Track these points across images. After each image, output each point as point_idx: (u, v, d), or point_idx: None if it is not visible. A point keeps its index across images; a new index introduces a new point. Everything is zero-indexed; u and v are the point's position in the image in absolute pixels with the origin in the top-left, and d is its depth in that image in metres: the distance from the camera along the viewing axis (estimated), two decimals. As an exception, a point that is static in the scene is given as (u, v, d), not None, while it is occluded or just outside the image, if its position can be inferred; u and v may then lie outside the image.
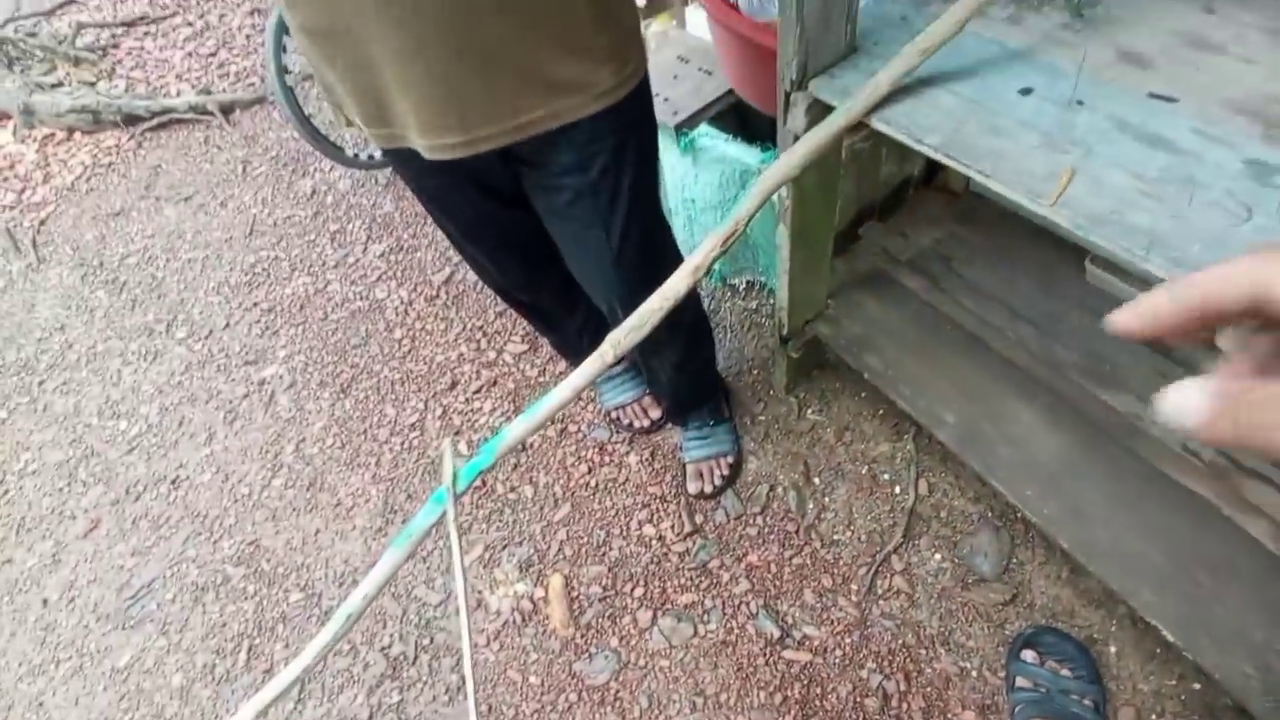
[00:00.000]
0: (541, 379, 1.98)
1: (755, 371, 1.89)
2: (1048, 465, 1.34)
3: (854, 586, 1.52)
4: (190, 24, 3.59)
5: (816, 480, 1.67)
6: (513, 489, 1.77)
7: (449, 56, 0.87)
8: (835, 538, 1.58)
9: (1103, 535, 1.25)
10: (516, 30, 0.88)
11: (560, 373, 1.98)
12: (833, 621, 1.49)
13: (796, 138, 1.06)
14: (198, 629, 1.64)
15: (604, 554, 1.64)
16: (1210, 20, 1.00)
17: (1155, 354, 1.39)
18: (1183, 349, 1.39)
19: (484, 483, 1.77)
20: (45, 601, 1.73)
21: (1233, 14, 1.01)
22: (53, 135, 3.02)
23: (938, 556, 1.53)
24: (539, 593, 1.60)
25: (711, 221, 1.86)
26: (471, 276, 2.25)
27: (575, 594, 1.59)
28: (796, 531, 1.61)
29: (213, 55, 3.40)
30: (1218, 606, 1.16)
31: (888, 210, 1.71)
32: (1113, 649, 1.37)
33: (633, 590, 1.58)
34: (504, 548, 1.67)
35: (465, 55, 0.87)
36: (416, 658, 1.54)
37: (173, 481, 1.90)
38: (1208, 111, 0.88)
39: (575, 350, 1.73)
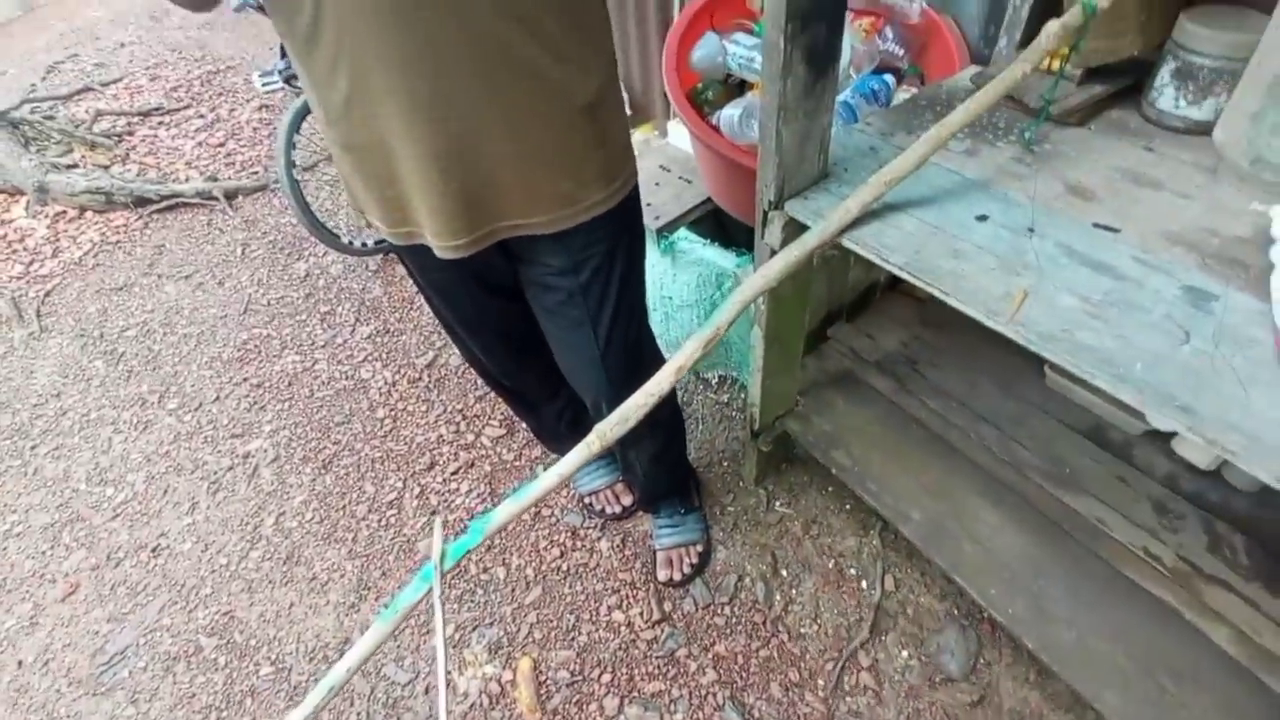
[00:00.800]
0: (518, 463, 2.02)
1: (726, 463, 1.94)
2: (1011, 564, 1.37)
3: (820, 682, 1.53)
4: (202, 116, 3.77)
5: (784, 572, 1.70)
6: (485, 570, 1.78)
7: (462, 171, 0.96)
8: (802, 631, 1.60)
9: (1067, 636, 1.27)
10: (524, 152, 0.98)
11: (536, 458, 2.02)
12: (799, 717, 1.49)
13: (773, 251, 1.15)
14: (167, 699, 1.61)
15: (573, 638, 1.64)
16: (1149, 158, 1.11)
17: (1115, 459, 1.44)
18: (1145, 453, 1.45)
19: (458, 563, 1.77)
20: (20, 663, 1.70)
21: (1170, 152, 1.11)
22: (64, 213, 3.12)
23: (905, 654, 1.54)
24: (507, 675, 1.59)
25: (688, 319, 1.95)
26: (454, 360, 2.32)
27: (543, 678, 1.58)
28: (764, 623, 1.62)
29: (221, 145, 3.56)
30: (1183, 713, 1.17)
31: (856, 311, 1.80)
32: (1080, 754, 1.38)
33: (600, 676, 1.58)
34: (474, 628, 1.67)
35: (476, 170, 0.97)
36: (382, 739, 1.53)
37: (153, 549, 1.90)
38: (1147, 242, 0.95)
39: (553, 435, 1.78)
